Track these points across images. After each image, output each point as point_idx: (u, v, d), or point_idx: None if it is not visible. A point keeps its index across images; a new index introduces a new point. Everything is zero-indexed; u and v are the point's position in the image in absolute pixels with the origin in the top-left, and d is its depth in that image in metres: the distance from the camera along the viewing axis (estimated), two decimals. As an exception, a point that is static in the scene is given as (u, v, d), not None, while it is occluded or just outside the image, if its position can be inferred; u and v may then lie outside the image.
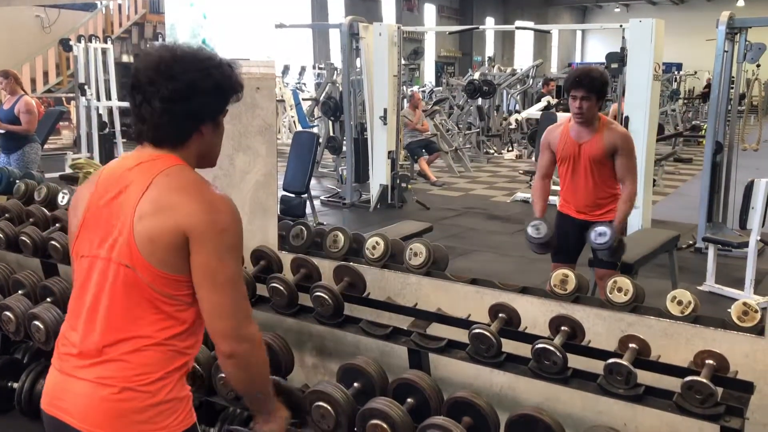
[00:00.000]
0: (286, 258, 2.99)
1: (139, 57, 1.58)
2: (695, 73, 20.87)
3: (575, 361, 2.24)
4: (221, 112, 1.59)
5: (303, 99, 14.51)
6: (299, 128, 13.23)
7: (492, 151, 13.43)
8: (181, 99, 1.49)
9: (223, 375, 2.50)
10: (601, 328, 2.43)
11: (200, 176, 1.56)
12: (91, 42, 11.06)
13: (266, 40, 3.37)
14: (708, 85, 18.95)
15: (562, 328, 2.31)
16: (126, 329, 1.50)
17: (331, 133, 10.14)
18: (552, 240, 3.57)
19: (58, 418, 1.53)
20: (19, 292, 3.24)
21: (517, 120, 13.46)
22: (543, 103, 12.49)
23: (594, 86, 3.44)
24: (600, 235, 3.37)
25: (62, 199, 3.73)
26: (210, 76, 1.52)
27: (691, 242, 6.27)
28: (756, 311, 2.24)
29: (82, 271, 1.57)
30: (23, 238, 3.35)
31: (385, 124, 7.98)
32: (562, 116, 7.29)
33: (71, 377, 1.53)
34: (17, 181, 4.05)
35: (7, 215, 3.67)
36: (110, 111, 11.20)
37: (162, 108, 1.49)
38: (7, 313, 3.04)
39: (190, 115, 1.53)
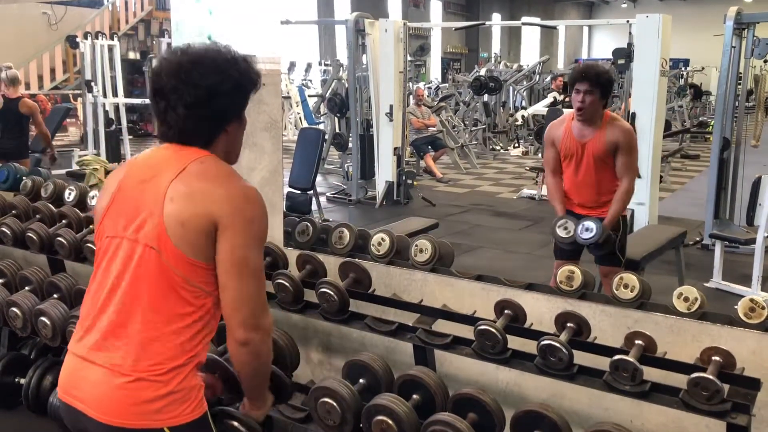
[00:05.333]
0: (292, 254, 2.99)
1: (159, 61, 1.62)
2: (702, 69, 20.78)
3: (581, 358, 2.23)
4: (244, 107, 1.65)
5: (309, 96, 14.53)
6: (305, 125, 13.24)
7: (498, 147, 13.40)
8: (204, 104, 1.54)
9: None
10: (607, 324, 2.43)
11: (232, 168, 1.61)
12: (97, 39, 11.10)
13: (272, 36, 3.37)
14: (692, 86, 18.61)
15: (568, 324, 2.31)
16: (144, 312, 1.52)
17: (337, 130, 10.15)
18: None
19: (74, 407, 1.57)
20: (26, 288, 3.25)
21: (523, 116, 13.45)
22: (549, 99, 12.47)
23: (599, 81, 3.40)
24: (586, 230, 3.35)
25: (69, 195, 3.74)
26: (229, 78, 1.56)
27: (698, 239, 6.25)
28: (763, 308, 2.24)
29: (107, 251, 1.60)
30: (30, 234, 3.36)
31: (390, 120, 7.98)
32: (567, 112, 7.26)
33: (86, 361, 1.56)
34: (24, 177, 4.07)
35: (14, 212, 3.68)
36: (117, 108, 11.25)
37: (186, 113, 1.54)
38: (14, 309, 3.05)
39: (214, 117, 1.58)
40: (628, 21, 7.31)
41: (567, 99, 10.84)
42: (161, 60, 1.62)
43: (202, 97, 1.53)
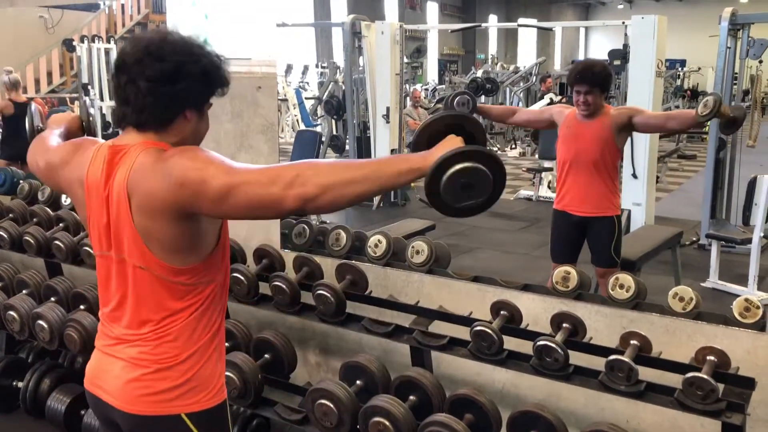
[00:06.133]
0: (289, 256, 3.00)
1: (127, 41, 1.53)
2: (699, 69, 20.80)
3: (577, 358, 2.24)
4: (206, 101, 1.56)
5: (306, 98, 14.52)
6: (302, 127, 13.23)
7: (495, 148, 13.41)
8: (168, 80, 1.46)
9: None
10: (603, 324, 2.44)
11: (159, 150, 1.49)
12: (94, 42, 11.11)
13: (268, 39, 3.38)
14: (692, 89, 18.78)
15: (564, 325, 2.32)
16: (154, 316, 1.56)
17: (334, 132, 10.15)
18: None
19: (99, 397, 1.61)
20: (24, 291, 3.26)
21: (520, 117, 13.43)
22: (546, 100, 12.46)
23: (597, 80, 3.44)
24: (704, 105, 3.21)
25: (66, 199, 3.74)
26: (198, 62, 1.49)
27: (694, 239, 6.25)
28: (758, 307, 2.25)
29: (101, 266, 1.63)
30: (27, 238, 3.37)
31: (387, 122, 7.98)
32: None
33: (108, 355, 1.61)
34: (21, 181, 4.07)
35: (11, 215, 3.68)
36: (113, 111, 11.24)
37: (148, 88, 1.45)
38: (12, 312, 3.06)
39: (174, 98, 1.48)
40: (623, 22, 7.32)
41: (564, 100, 10.86)
42: (131, 38, 1.54)
43: (166, 73, 1.45)
